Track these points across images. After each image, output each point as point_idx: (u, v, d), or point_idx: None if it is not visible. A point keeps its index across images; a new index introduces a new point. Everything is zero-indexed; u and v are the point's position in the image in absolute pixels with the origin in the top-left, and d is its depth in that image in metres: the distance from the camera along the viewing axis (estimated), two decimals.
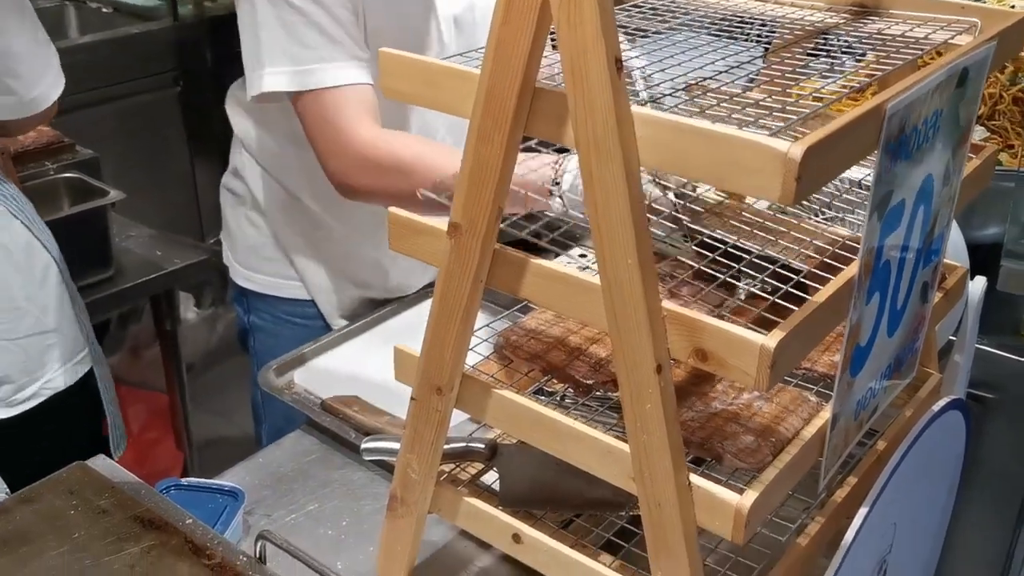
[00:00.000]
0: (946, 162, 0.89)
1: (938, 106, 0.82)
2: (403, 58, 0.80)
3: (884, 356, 0.92)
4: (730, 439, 0.84)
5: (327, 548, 1.12)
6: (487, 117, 0.75)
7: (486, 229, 0.80)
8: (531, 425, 0.87)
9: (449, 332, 0.87)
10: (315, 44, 1.36)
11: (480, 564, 1.10)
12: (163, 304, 2.07)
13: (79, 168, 2.03)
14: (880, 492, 0.87)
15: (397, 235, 0.89)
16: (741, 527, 0.76)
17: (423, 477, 0.97)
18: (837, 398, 0.83)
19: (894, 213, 0.80)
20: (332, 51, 1.37)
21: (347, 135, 1.37)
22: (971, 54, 0.85)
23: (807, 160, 0.63)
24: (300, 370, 1.42)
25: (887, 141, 0.73)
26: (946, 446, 1.08)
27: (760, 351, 0.69)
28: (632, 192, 0.70)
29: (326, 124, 1.38)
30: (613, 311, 0.74)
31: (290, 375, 1.40)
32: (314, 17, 1.35)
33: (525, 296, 0.83)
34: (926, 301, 0.99)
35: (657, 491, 0.78)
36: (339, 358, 1.46)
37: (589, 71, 0.67)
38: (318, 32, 1.36)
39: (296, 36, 1.36)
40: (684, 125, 0.67)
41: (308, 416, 1.31)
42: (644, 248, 0.71)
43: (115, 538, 0.78)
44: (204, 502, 1.12)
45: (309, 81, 1.37)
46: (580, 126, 0.70)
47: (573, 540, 0.94)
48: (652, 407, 0.75)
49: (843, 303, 0.77)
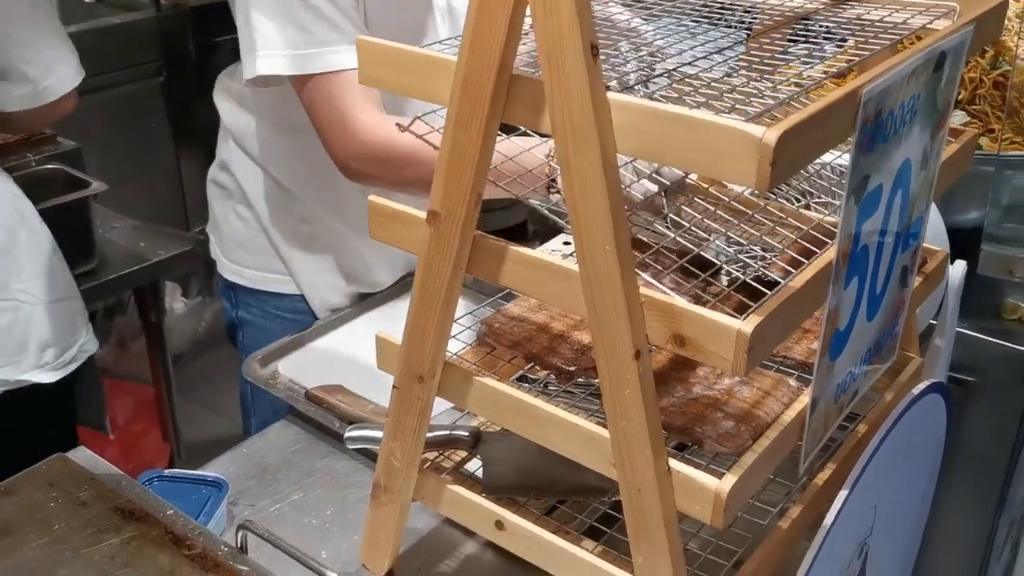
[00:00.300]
0: (924, 146, 0.89)
1: (915, 90, 0.82)
2: (379, 45, 0.80)
3: (864, 340, 0.92)
4: (711, 424, 0.84)
5: (312, 537, 1.13)
6: (464, 104, 0.75)
7: (465, 216, 0.80)
8: (512, 412, 0.87)
9: (430, 320, 0.87)
10: (315, 28, 1.35)
11: (465, 551, 1.10)
12: (148, 296, 2.07)
13: (61, 159, 2.01)
14: (860, 475, 0.88)
15: (376, 223, 0.89)
16: (721, 511, 0.76)
17: (406, 465, 0.97)
18: (816, 382, 0.84)
19: (872, 198, 0.81)
20: (332, 35, 1.36)
21: (349, 120, 1.36)
22: (948, 38, 0.86)
23: (782, 145, 0.63)
24: (285, 360, 1.42)
25: (863, 125, 0.73)
26: (927, 429, 1.08)
27: (737, 336, 0.70)
28: (609, 179, 0.70)
29: (331, 109, 1.37)
30: (591, 297, 0.74)
31: (274, 365, 1.40)
32: (313, 1, 1.35)
33: (505, 283, 0.83)
34: (905, 285, 0.99)
35: (637, 477, 0.78)
36: (324, 348, 1.46)
37: (565, 58, 0.67)
38: (316, 15, 1.35)
39: (294, 19, 1.35)
40: (660, 111, 0.67)
41: (292, 406, 1.31)
42: (622, 235, 0.71)
43: (95, 529, 0.78)
44: (188, 493, 1.12)
45: (308, 65, 1.36)
46: (556, 113, 0.70)
47: (556, 526, 0.95)
48: (631, 393, 0.75)
49: (821, 288, 0.78)
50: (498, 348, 0.97)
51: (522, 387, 1.00)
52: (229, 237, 1.67)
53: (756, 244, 0.95)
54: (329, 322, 1.51)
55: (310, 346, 1.46)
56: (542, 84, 0.70)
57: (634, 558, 0.83)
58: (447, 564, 1.09)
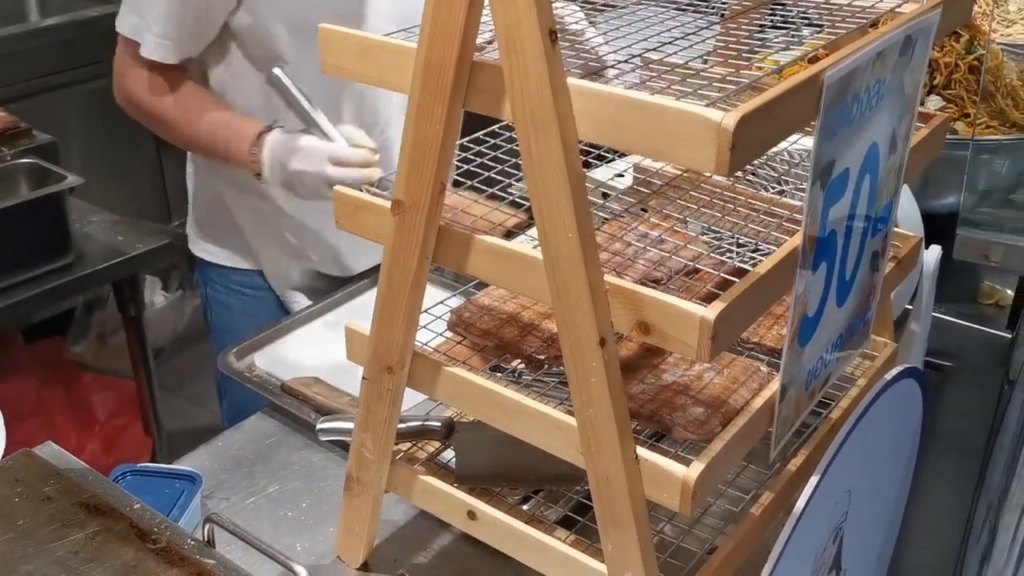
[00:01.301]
0: (892, 130, 0.89)
1: (881, 74, 0.82)
2: (341, 34, 0.79)
3: (834, 326, 0.92)
4: (679, 411, 0.84)
5: (287, 530, 1.12)
6: (425, 92, 0.74)
7: (429, 205, 0.79)
8: (481, 402, 0.87)
9: (397, 311, 0.86)
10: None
11: (441, 542, 1.10)
12: (127, 290, 2.05)
13: (37, 153, 1.99)
14: (831, 460, 0.87)
15: (342, 213, 0.89)
16: (688, 499, 0.76)
17: (378, 456, 0.96)
18: (786, 368, 0.83)
19: (838, 182, 0.80)
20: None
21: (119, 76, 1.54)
22: (915, 22, 0.85)
23: (741, 129, 0.62)
24: (260, 353, 1.41)
25: (827, 110, 0.73)
26: (902, 415, 1.08)
27: (700, 323, 0.69)
28: (571, 165, 0.69)
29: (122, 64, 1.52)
30: (555, 286, 0.74)
31: (250, 358, 1.40)
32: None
33: (471, 273, 0.82)
34: (877, 270, 0.99)
35: (604, 465, 0.78)
36: (300, 340, 1.45)
37: (523, 44, 0.67)
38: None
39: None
40: (620, 97, 0.66)
41: (268, 399, 1.31)
42: (584, 222, 0.71)
43: (60, 524, 0.78)
44: (161, 487, 1.11)
45: (131, 31, 1.47)
46: (516, 100, 0.69)
47: (528, 516, 0.94)
48: (597, 381, 0.74)
49: (787, 274, 0.77)
50: (468, 338, 0.96)
51: (494, 376, 0.99)
52: (196, 213, 1.71)
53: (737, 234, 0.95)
54: (306, 314, 1.50)
55: (286, 338, 1.45)
56: (502, 71, 0.70)
57: (604, 546, 0.82)
58: (423, 555, 1.08)
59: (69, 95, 2.93)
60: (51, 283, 1.86)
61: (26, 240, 1.82)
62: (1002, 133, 1.42)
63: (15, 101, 2.71)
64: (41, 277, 1.85)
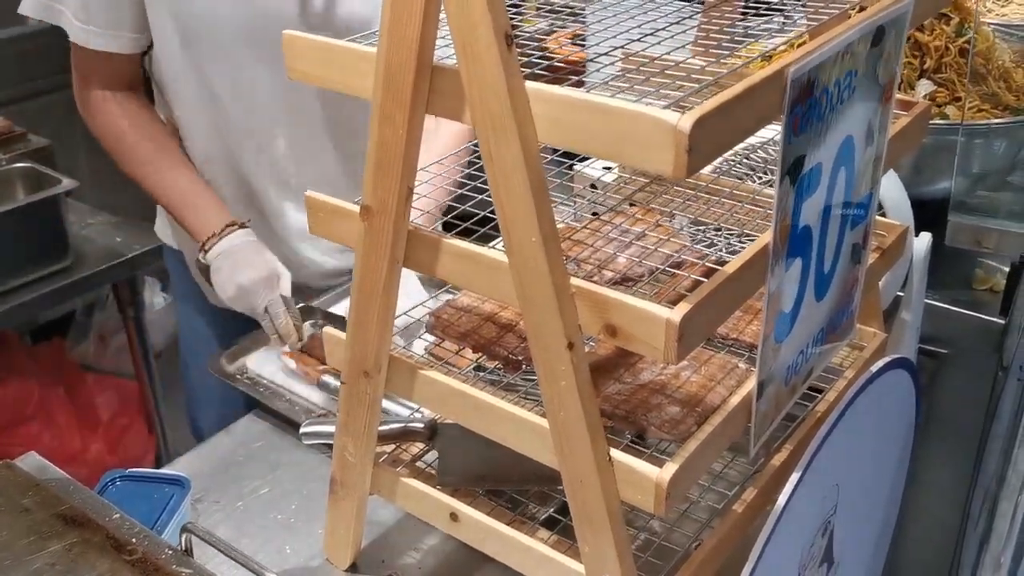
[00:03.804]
0: (867, 122, 0.88)
1: (852, 66, 0.81)
2: (304, 40, 0.79)
3: (814, 320, 0.91)
4: (655, 411, 0.84)
5: (277, 532, 1.12)
6: (387, 98, 0.74)
7: (397, 210, 0.79)
8: (458, 405, 0.86)
9: (370, 315, 0.86)
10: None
11: (428, 543, 1.10)
12: (126, 291, 2.06)
13: (32, 157, 2.01)
14: (814, 454, 0.87)
15: (315, 219, 0.88)
16: (662, 500, 0.76)
17: (360, 460, 0.96)
18: (762, 365, 0.83)
19: (810, 177, 0.79)
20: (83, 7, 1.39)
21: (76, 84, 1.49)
22: (887, 11, 0.84)
23: (698, 131, 0.62)
24: (253, 356, 1.40)
25: (792, 105, 0.72)
26: (892, 405, 1.07)
27: (667, 324, 0.69)
28: (532, 169, 0.69)
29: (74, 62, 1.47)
30: (522, 290, 0.73)
31: (242, 361, 1.39)
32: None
33: (441, 276, 0.82)
34: (859, 262, 0.98)
35: (578, 467, 0.77)
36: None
37: (479, 48, 0.66)
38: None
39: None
40: (576, 100, 0.65)
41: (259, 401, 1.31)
42: (547, 225, 0.70)
43: (36, 536, 0.78)
44: (150, 493, 1.11)
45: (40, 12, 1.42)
46: (475, 105, 0.69)
47: (510, 517, 0.94)
48: (567, 384, 0.74)
49: (757, 271, 0.77)
50: (447, 340, 0.96)
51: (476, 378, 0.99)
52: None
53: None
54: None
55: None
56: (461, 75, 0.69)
57: (581, 547, 0.82)
58: (410, 556, 1.08)
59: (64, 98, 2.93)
60: (50, 286, 1.87)
61: (24, 244, 1.83)
62: (994, 116, 1.40)
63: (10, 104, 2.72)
64: (40, 280, 1.86)
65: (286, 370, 1.34)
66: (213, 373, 1.36)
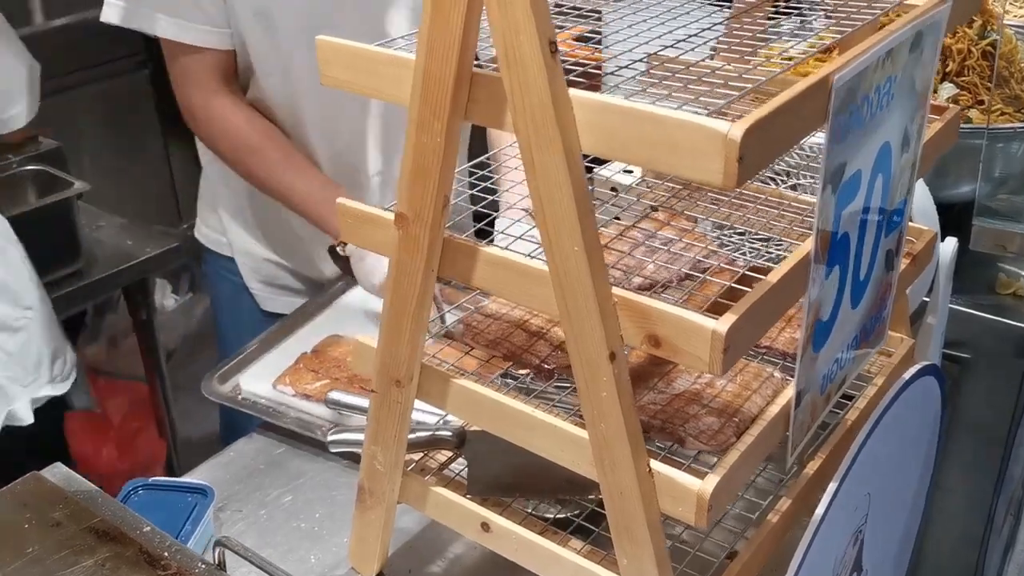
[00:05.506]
0: (903, 128, 0.87)
1: (891, 72, 0.80)
2: (337, 45, 0.78)
3: (849, 328, 0.90)
4: (691, 421, 0.83)
5: (301, 541, 1.11)
6: (425, 105, 0.73)
7: (433, 218, 0.78)
8: (492, 415, 0.85)
9: (403, 324, 0.85)
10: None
11: (455, 551, 1.09)
12: (137, 294, 2.05)
13: (43, 160, 1.99)
14: (851, 465, 0.86)
15: (347, 226, 0.87)
16: (704, 513, 0.75)
17: (389, 468, 0.95)
18: (801, 374, 0.82)
19: (850, 185, 0.78)
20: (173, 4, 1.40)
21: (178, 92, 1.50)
22: (924, 17, 0.83)
23: (749, 140, 0.61)
24: (245, 374, 1.37)
25: (836, 113, 0.71)
26: (920, 413, 1.07)
27: (712, 336, 0.68)
28: (575, 177, 0.68)
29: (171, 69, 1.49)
30: (563, 300, 0.72)
31: (235, 380, 1.37)
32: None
33: (477, 285, 0.81)
34: (891, 269, 0.97)
35: (618, 479, 0.76)
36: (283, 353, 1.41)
37: (523, 55, 0.65)
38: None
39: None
40: (623, 107, 0.64)
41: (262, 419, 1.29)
42: (590, 234, 0.69)
43: (69, 551, 0.77)
44: (173, 502, 1.10)
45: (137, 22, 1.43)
46: (518, 112, 0.68)
47: (542, 527, 0.93)
48: (607, 395, 0.73)
49: (799, 280, 0.76)
50: (476, 348, 0.95)
51: (505, 385, 0.98)
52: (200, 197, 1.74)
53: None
54: (282, 328, 1.47)
55: (269, 355, 1.42)
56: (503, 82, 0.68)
57: (619, 560, 0.81)
58: (437, 565, 1.07)
59: (75, 97, 2.93)
60: (62, 290, 1.86)
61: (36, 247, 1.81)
62: (1018, 120, 1.39)
63: None
64: (52, 284, 1.85)
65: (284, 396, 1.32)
66: (209, 397, 1.33)
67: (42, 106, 2.80)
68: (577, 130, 0.67)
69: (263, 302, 1.69)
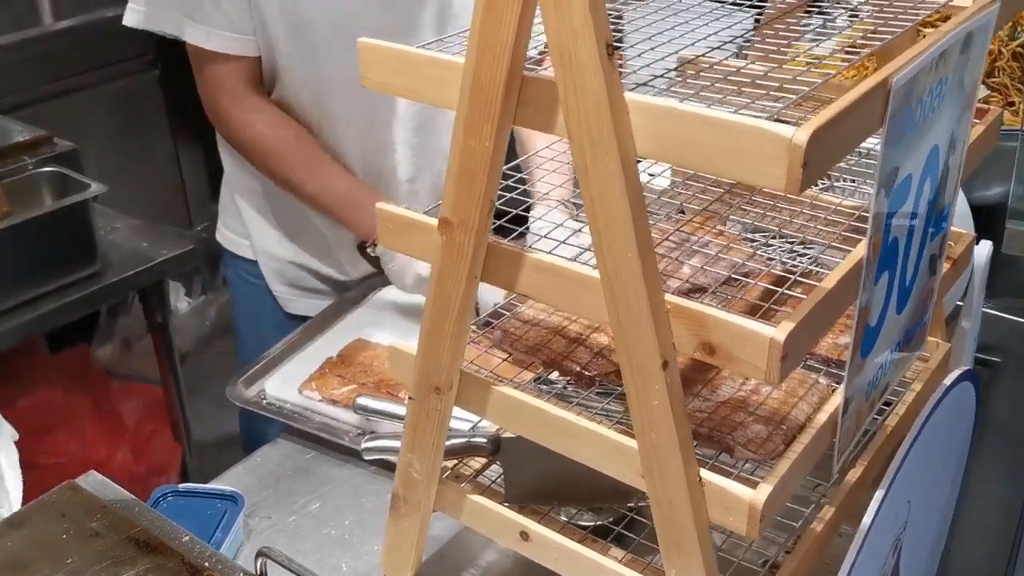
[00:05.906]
0: (951, 131, 0.86)
1: (943, 74, 0.79)
2: (381, 48, 0.77)
3: (893, 333, 0.89)
4: (739, 429, 0.81)
5: (332, 548, 1.10)
6: (474, 108, 0.72)
7: (478, 224, 0.77)
8: (534, 423, 0.84)
9: (445, 330, 0.84)
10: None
11: (488, 559, 1.08)
12: (152, 296, 2.03)
13: (58, 161, 1.97)
14: (897, 471, 0.85)
15: (386, 231, 0.86)
16: (756, 523, 0.73)
17: (425, 477, 0.94)
18: (849, 381, 0.81)
19: (902, 188, 0.77)
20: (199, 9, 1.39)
21: (205, 98, 1.49)
22: (975, 18, 0.82)
23: (813, 144, 0.59)
24: (270, 379, 1.36)
25: (893, 115, 0.70)
26: (957, 418, 1.05)
27: (770, 344, 0.67)
28: (630, 182, 0.67)
29: (198, 75, 1.48)
30: (615, 307, 0.71)
31: (260, 384, 1.35)
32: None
33: (522, 291, 0.80)
34: (935, 273, 0.96)
35: (667, 489, 0.75)
36: (308, 358, 1.40)
37: (579, 57, 0.64)
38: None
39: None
40: (683, 112, 0.63)
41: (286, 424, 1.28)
42: (644, 240, 0.68)
43: (110, 562, 0.76)
44: (203, 509, 1.09)
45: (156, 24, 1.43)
46: (572, 116, 0.66)
47: (582, 535, 0.92)
48: (659, 404, 0.72)
49: (852, 286, 0.74)
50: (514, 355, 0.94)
51: (540, 391, 0.97)
52: (221, 200, 1.74)
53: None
54: (305, 331, 1.46)
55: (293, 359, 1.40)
56: (555, 86, 0.67)
57: (667, 571, 0.80)
58: (470, 573, 1.06)
59: (86, 98, 2.91)
60: (78, 293, 1.84)
61: (52, 250, 1.80)
62: None
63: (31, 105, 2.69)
64: (68, 287, 1.83)
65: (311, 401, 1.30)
66: (234, 401, 1.32)
67: (50, 107, 2.79)
68: (632, 134, 0.66)
69: (286, 304, 1.68)
